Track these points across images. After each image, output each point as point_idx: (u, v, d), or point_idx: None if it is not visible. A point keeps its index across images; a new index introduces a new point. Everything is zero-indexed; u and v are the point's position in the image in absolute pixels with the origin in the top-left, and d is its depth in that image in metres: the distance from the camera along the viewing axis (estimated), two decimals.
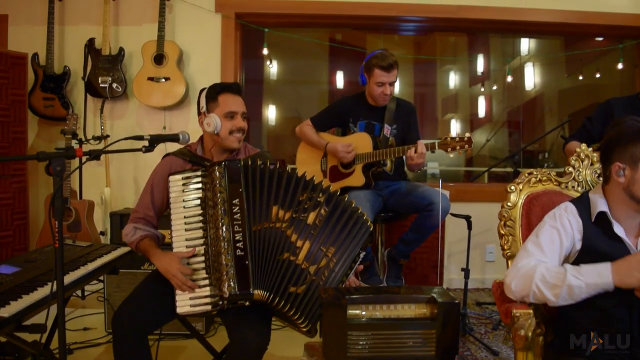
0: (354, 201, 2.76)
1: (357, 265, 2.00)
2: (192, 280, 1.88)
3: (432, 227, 2.83)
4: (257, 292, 1.81)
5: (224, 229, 1.84)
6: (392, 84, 2.95)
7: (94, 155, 1.86)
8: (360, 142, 3.01)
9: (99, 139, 3.83)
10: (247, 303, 1.83)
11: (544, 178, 2.12)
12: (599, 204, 1.68)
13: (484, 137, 5.89)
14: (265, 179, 1.95)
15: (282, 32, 4.60)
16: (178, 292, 1.90)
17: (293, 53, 5.55)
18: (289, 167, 3.49)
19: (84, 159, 1.82)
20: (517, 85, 5.47)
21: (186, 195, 1.97)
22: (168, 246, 2.00)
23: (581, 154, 2.15)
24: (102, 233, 3.77)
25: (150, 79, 3.94)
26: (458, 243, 3.67)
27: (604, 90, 5.24)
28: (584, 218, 1.69)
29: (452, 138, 2.68)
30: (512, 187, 2.09)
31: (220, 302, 1.82)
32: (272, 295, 1.83)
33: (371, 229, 1.99)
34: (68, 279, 2.11)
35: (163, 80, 3.95)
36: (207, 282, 1.87)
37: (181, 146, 2.16)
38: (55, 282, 1.61)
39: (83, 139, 3.83)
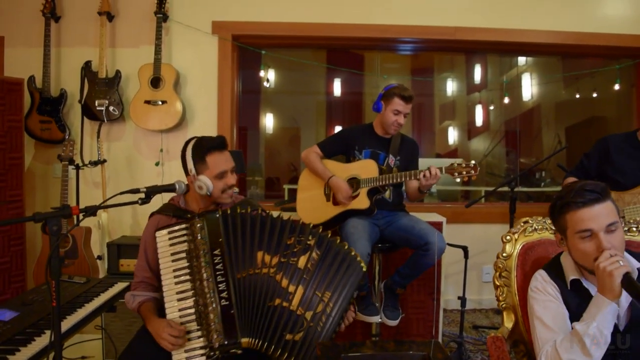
0: (352, 231, 2.86)
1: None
2: (184, 339, 1.88)
3: (427, 265, 2.85)
4: (245, 340, 1.82)
5: (208, 280, 1.87)
6: (405, 116, 3.04)
7: (90, 212, 1.87)
8: (365, 168, 3.06)
9: (95, 163, 3.82)
10: (239, 351, 1.84)
11: (540, 227, 2.13)
12: (570, 272, 1.71)
13: (481, 145, 5.90)
14: (247, 225, 1.97)
15: (278, 55, 4.60)
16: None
17: (291, 63, 5.54)
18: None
19: (80, 216, 1.82)
20: (515, 95, 5.47)
21: (173, 249, 1.99)
22: None
23: None
24: (100, 257, 3.77)
25: (147, 102, 3.93)
26: (455, 264, 3.69)
27: (601, 106, 5.24)
28: (559, 283, 1.71)
29: (459, 164, 2.76)
30: (508, 237, 2.09)
31: (212, 353, 1.84)
32: (265, 343, 1.84)
33: (364, 269, 2.02)
34: (66, 324, 2.14)
35: (160, 103, 3.94)
36: (199, 333, 1.89)
37: (175, 195, 2.16)
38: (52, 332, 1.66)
39: (80, 164, 3.82)
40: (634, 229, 2.09)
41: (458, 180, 2.78)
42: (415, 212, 3.60)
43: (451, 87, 5.77)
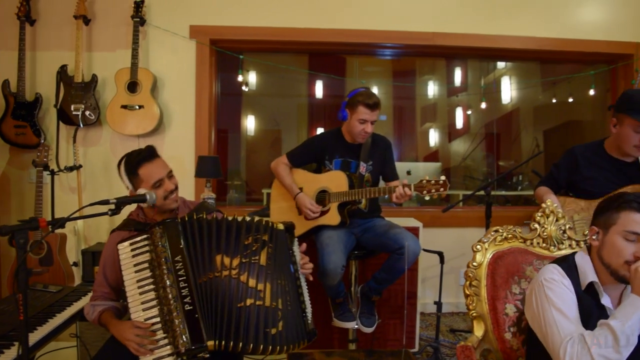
0: (328, 242, 2.85)
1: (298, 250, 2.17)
2: (152, 340, 1.88)
3: (402, 269, 2.86)
4: (211, 343, 1.84)
5: (171, 287, 1.88)
6: (373, 123, 2.97)
7: (59, 225, 1.85)
8: (335, 180, 3.02)
9: (71, 169, 3.79)
10: (206, 355, 1.85)
11: (510, 235, 2.16)
12: (589, 273, 1.72)
13: (462, 147, 5.94)
14: (204, 230, 1.98)
15: (258, 59, 4.59)
16: (141, 357, 1.90)
17: (273, 66, 5.53)
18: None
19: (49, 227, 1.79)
20: (495, 98, 5.52)
21: (136, 259, 1.99)
22: None
23: (546, 210, 2.18)
24: (75, 264, 3.73)
25: (124, 107, 3.90)
26: (432, 268, 3.71)
27: (577, 110, 5.31)
28: (574, 281, 1.72)
29: (428, 181, 2.70)
30: (478, 246, 2.11)
31: (180, 359, 1.84)
32: (240, 343, 1.86)
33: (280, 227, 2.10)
34: (38, 335, 2.13)
35: (137, 108, 3.91)
36: (166, 340, 1.89)
37: (145, 206, 2.16)
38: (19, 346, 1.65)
39: (55, 170, 3.78)
40: None
41: (427, 198, 2.71)
42: (393, 216, 3.62)
43: (432, 89, 5.80)
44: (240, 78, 4.40)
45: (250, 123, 5.97)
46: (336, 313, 3.07)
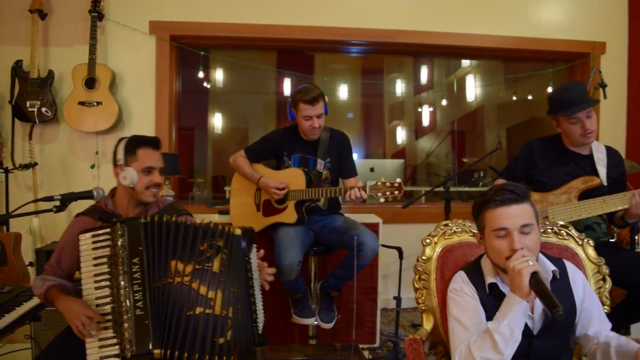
0: (285, 239, 2.85)
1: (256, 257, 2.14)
2: (98, 326, 1.85)
3: (361, 265, 2.88)
4: (157, 352, 1.81)
5: (125, 289, 1.85)
6: (319, 117, 2.95)
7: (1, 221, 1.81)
8: (293, 178, 3.01)
9: (26, 167, 3.70)
10: None
11: (459, 229, 2.17)
12: (488, 275, 1.75)
13: (428, 144, 6.01)
14: (163, 234, 1.95)
15: (223, 56, 4.55)
16: (88, 352, 1.87)
17: (240, 63, 5.51)
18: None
19: None
20: (460, 96, 5.59)
21: (95, 253, 1.94)
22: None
23: None
24: (31, 264, 3.65)
25: (82, 103, 3.83)
26: (394, 264, 3.72)
27: (538, 107, 5.42)
28: (477, 285, 1.75)
29: (383, 183, 2.70)
30: (428, 240, 2.13)
31: None
32: (186, 353, 1.83)
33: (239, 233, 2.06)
34: None
35: (95, 104, 3.84)
36: (115, 340, 1.86)
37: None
38: None
39: (10, 168, 3.70)
40: (550, 230, 2.16)
41: (382, 201, 2.70)
42: (354, 213, 3.64)
43: (400, 87, 5.85)
44: (201, 74, 4.34)
45: (217, 121, 5.93)
46: (295, 309, 3.07)
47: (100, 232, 1.96)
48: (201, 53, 4.20)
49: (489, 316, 1.68)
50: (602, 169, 2.61)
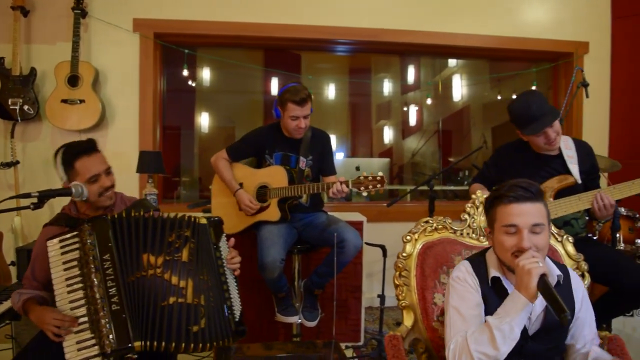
0: (267, 236, 2.84)
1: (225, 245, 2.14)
2: (71, 324, 1.84)
3: (343, 262, 2.87)
4: (138, 344, 1.80)
5: (98, 286, 1.84)
6: (306, 117, 2.96)
7: None
8: (275, 176, 3.00)
9: (8, 165, 3.66)
10: (134, 356, 1.83)
11: (440, 226, 2.18)
12: (492, 269, 1.73)
13: (415, 144, 6.02)
14: (132, 228, 1.95)
15: (208, 55, 4.53)
16: (67, 356, 1.85)
17: (227, 62, 5.49)
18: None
19: None
20: (446, 95, 5.61)
21: (64, 257, 1.93)
22: None
23: (476, 201, 2.22)
24: (13, 263, 3.60)
25: (64, 101, 3.80)
26: (378, 262, 3.73)
27: None
28: (480, 277, 1.74)
29: (366, 177, 2.70)
30: (408, 237, 2.13)
31: None
32: (165, 342, 1.83)
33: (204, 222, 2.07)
34: None
35: (78, 102, 3.81)
36: (93, 341, 1.84)
37: (75, 199, 2.11)
38: None
39: None
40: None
41: (365, 194, 2.70)
42: (339, 211, 3.64)
43: (387, 87, 5.86)
44: (185, 73, 4.32)
45: (204, 120, 5.90)
46: (279, 308, 3.06)
47: (68, 235, 1.96)
48: (185, 51, 4.18)
49: (488, 310, 1.68)
50: (574, 167, 2.63)
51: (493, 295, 1.69)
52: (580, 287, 1.79)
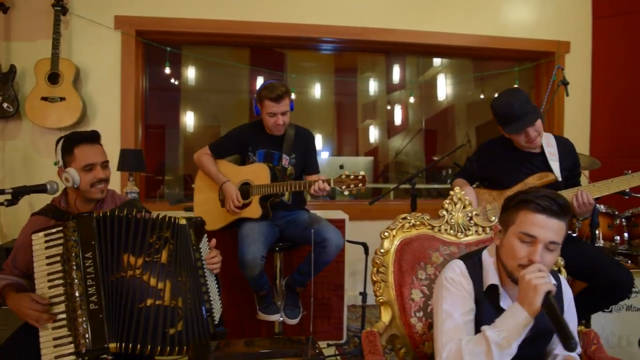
0: (248, 234, 2.83)
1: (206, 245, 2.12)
2: (50, 315, 1.84)
3: (325, 262, 2.88)
4: (113, 345, 1.80)
5: (78, 284, 1.83)
6: (284, 114, 2.95)
7: None
8: (257, 173, 3.00)
9: None
10: (109, 357, 1.81)
11: (418, 222, 2.18)
12: (491, 276, 1.68)
13: (400, 143, 6.03)
14: (115, 228, 1.95)
15: (192, 53, 4.51)
16: (43, 352, 1.84)
17: (212, 60, 5.47)
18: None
19: None
20: (430, 95, 5.63)
21: (48, 252, 1.92)
22: None
23: (454, 197, 2.22)
24: None
25: (44, 98, 3.76)
26: (361, 261, 3.75)
27: None
28: (476, 282, 1.68)
29: (347, 176, 2.71)
30: (386, 233, 2.13)
31: (80, 359, 1.80)
32: (140, 345, 1.82)
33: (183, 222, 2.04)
34: None
35: (58, 100, 3.78)
36: (70, 339, 1.83)
37: (50, 196, 2.10)
38: None
39: None
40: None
41: (346, 193, 2.70)
42: (321, 209, 3.64)
43: (373, 87, 5.87)
44: (167, 70, 4.30)
45: (189, 119, 5.86)
46: (260, 306, 3.05)
47: (53, 230, 1.95)
48: (167, 49, 4.15)
49: (478, 317, 1.64)
50: (555, 164, 2.65)
51: (487, 304, 1.65)
52: (568, 293, 1.77)
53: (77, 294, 1.83)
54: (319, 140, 5.59)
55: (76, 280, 1.84)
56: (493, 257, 1.70)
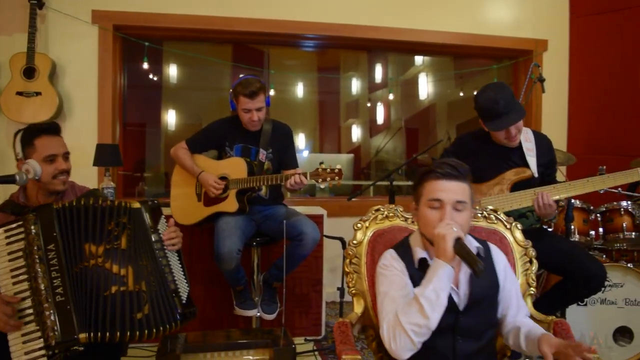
0: (224, 228, 2.82)
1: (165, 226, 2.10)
2: (24, 334, 1.80)
3: (301, 255, 2.88)
4: (83, 336, 1.79)
5: (42, 277, 1.82)
6: (259, 110, 2.95)
7: None
8: (235, 167, 2.99)
9: None
10: (80, 348, 1.80)
11: (391, 214, 2.19)
12: (418, 251, 1.77)
13: (382, 142, 6.05)
14: (74, 218, 1.93)
15: (172, 49, 4.47)
16: (12, 349, 1.81)
17: (193, 57, 5.44)
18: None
19: None
20: (413, 94, 5.66)
21: (10, 248, 1.89)
22: None
23: None
24: None
25: (20, 93, 3.71)
26: (339, 257, 3.76)
27: None
28: (407, 261, 1.77)
29: (324, 169, 2.72)
30: (359, 225, 2.14)
31: (51, 352, 1.78)
32: (109, 332, 1.82)
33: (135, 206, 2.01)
34: None
35: (34, 94, 3.73)
36: (39, 334, 1.81)
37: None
38: None
39: None
40: (479, 215, 2.21)
41: (323, 187, 2.73)
42: (300, 205, 3.64)
43: (356, 85, 5.88)
44: (146, 66, 4.26)
45: (170, 117, 5.82)
46: (237, 301, 3.04)
47: (14, 225, 1.92)
48: (145, 44, 4.12)
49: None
50: (532, 160, 2.65)
51: (421, 276, 1.72)
52: (501, 259, 1.86)
53: (42, 287, 1.81)
54: (301, 139, 5.59)
55: (40, 273, 1.82)
56: (418, 236, 1.82)
